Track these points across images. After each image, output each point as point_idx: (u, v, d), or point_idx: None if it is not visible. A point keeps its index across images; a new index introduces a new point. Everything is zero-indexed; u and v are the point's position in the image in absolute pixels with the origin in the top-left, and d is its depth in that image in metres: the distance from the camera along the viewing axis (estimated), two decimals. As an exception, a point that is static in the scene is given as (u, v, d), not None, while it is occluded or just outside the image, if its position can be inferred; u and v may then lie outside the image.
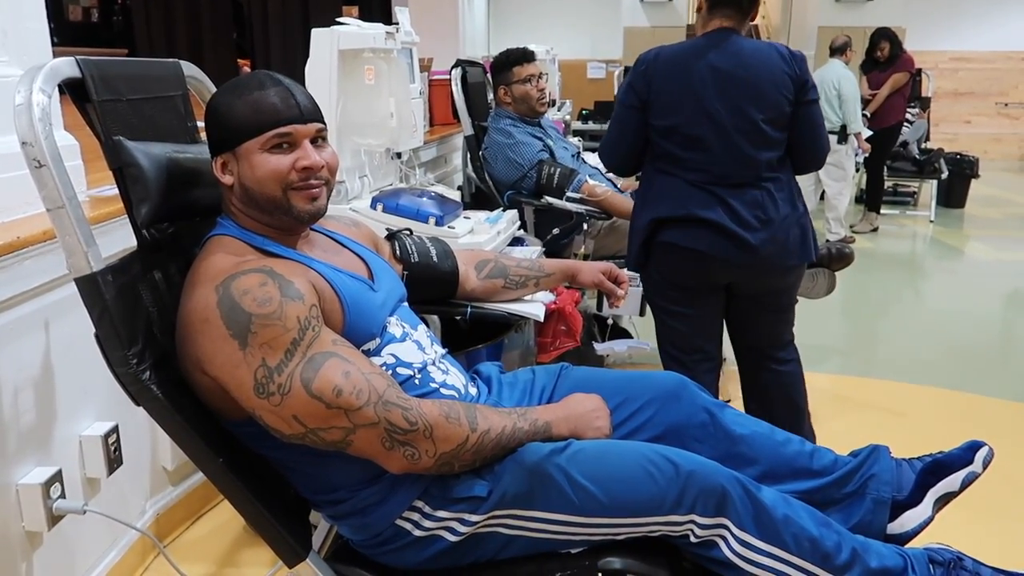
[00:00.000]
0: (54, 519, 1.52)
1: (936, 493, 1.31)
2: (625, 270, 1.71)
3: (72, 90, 1.13)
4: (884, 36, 6.01)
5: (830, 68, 5.42)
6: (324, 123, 1.23)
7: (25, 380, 1.50)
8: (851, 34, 5.88)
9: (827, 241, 3.47)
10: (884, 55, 5.96)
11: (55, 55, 1.19)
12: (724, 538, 1.17)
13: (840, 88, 5.29)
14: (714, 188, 1.96)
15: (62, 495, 1.54)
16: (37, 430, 1.54)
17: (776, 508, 1.18)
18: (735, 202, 1.95)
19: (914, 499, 1.32)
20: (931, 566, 1.21)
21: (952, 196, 6.91)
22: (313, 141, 1.20)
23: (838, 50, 5.51)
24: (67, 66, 1.11)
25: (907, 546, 1.29)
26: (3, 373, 1.44)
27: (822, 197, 5.71)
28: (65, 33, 8.05)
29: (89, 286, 1.06)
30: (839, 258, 2.76)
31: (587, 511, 1.16)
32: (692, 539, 1.17)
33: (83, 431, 1.67)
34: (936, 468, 1.33)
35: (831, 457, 1.38)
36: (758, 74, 1.94)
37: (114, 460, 1.71)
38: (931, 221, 6.46)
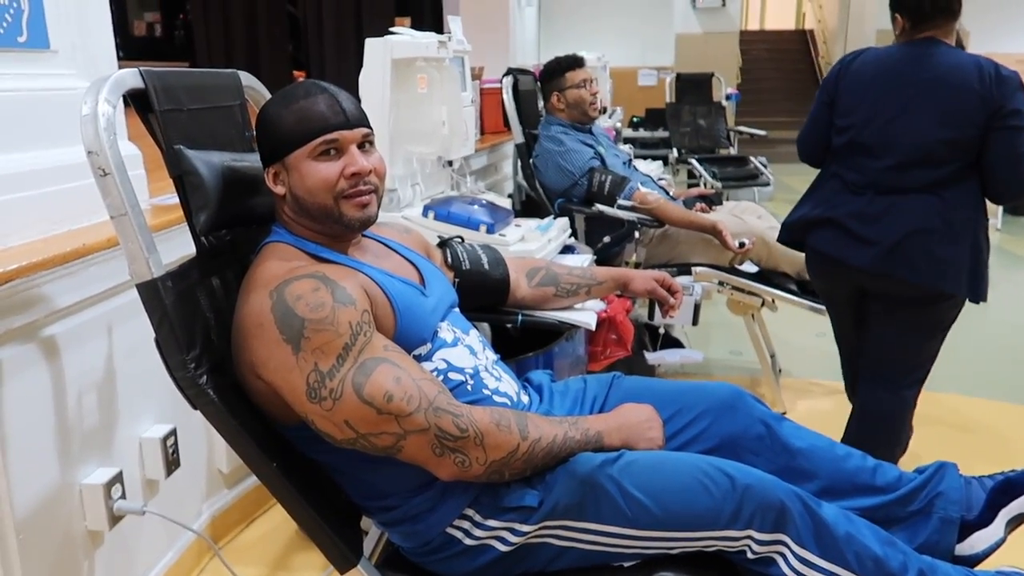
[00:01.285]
0: (115, 519, 1.56)
1: (1009, 514, 1.26)
2: (679, 279, 1.69)
3: (136, 101, 1.16)
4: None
5: None
6: (371, 128, 1.24)
7: (89, 383, 1.55)
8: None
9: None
10: None
11: (120, 68, 1.22)
12: (783, 555, 1.13)
13: None
14: (866, 192, 1.97)
15: (123, 496, 1.57)
16: (99, 432, 1.58)
17: (838, 525, 1.14)
18: (876, 208, 1.95)
19: (984, 519, 1.27)
20: (1003, 590, 1.16)
21: (1020, 203, 6.67)
22: (360, 146, 1.21)
23: None
24: (131, 77, 1.14)
25: (977, 568, 1.23)
26: (68, 376, 1.48)
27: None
28: (130, 47, 8.34)
29: (150, 292, 1.08)
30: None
31: (640, 524, 1.14)
32: (749, 555, 1.14)
33: (143, 433, 1.70)
34: (1008, 487, 1.27)
35: (895, 473, 1.33)
36: (946, 93, 1.88)
37: (172, 462, 1.74)
38: (997, 229, 6.23)
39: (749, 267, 2.81)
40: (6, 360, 1.32)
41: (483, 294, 1.59)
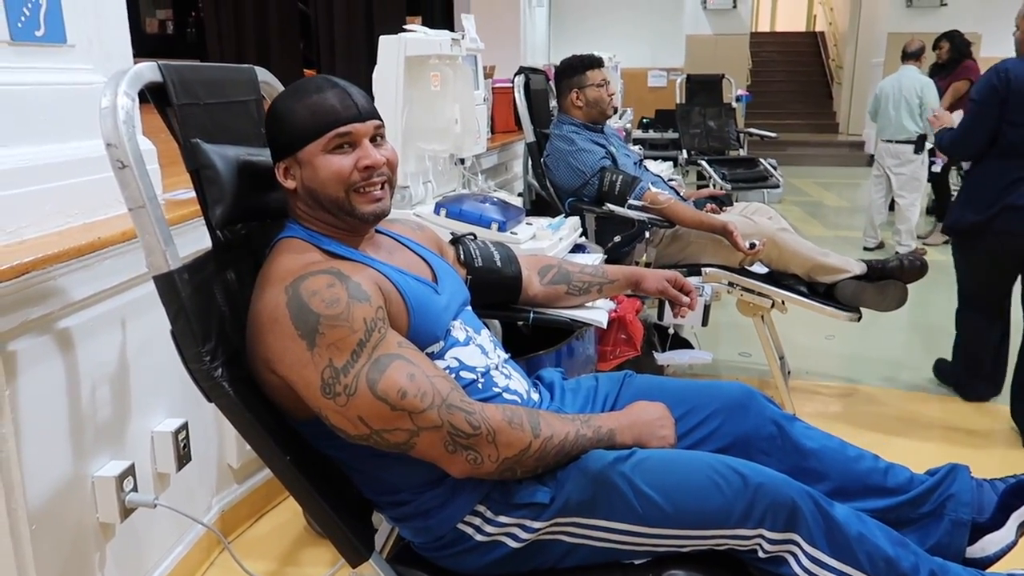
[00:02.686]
0: (126, 511, 1.57)
1: (1020, 517, 1.25)
2: (688, 279, 1.69)
3: (154, 94, 1.17)
4: (946, 37, 5.77)
5: (907, 74, 5.22)
6: (382, 121, 1.24)
7: (102, 376, 1.55)
8: (923, 40, 5.69)
9: (897, 253, 3.36)
10: (942, 57, 5.72)
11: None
12: (794, 554, 1.13)
13: (923, 96, 5.10)
14: None
15: (134, 488, 1.58)
16: (112, 425, 1.59)
17: (849, 525, 1.14)
18: None
19: (996, 522, 1.26)
20: (1015, 592, 1.15)
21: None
22: (372, 139, 1.22)
23: (912, 55, 5.29)
24: (149, 71, 1.14)
25: (988, 571, 1.23)
26: (83, 369, 1.49)
27: (892, 207, 5.53)
28: (143, 44, 8.34)
29: (166, 284, 1.09)
30: (911, 270, 2.67)
31: (651, 521, 1.14)
32: (760, 554, 1.14)
33: (155, 427, 1.71)
34: (1020, 490, 1.27)
35: (907, 475, 1.33)
36: None
37: (183, 456, 1.75)
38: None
39: (759, 268, 2.81)
40: (22, 352, 1.33)
41: (495, 291, 1.59)
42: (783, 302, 2.76)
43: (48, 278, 1.36)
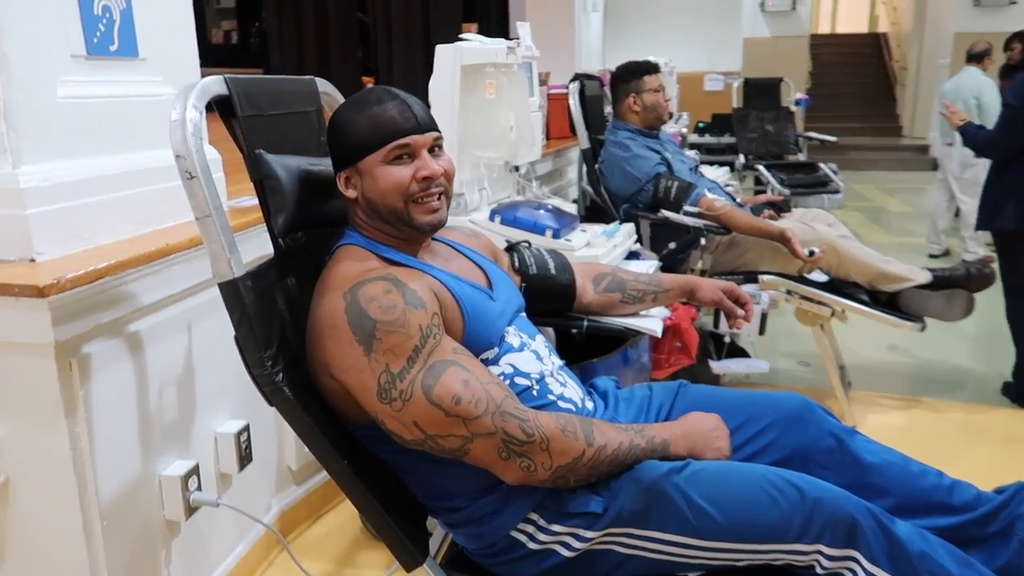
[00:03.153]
0: (191, 510, 1.61)
1: (1095, 538, 1.20)
2: (745, 287, 1.66)
3: (220, 106, 1.21)
4: (1017, 38, 5.55)
5: (967, 76, 5.07)
6: (440, 132, 1.26)
7: (170, 378, 1.61)
8: (991, 40, 5.49)
9: (963, 261, 3.25)
10: (1014, 58, 5.51)
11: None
12: (853, 571, 1.10)
13: (980, 98, 4.94)
14: None
15: (198, 487, 1.63)
16: (178, 425, 1.64)
17: (912, 543, 1.11)
18: None
19: (1070, 543, 1.21)
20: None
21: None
22: (430, 150, 1.24)
23: (975, 57, 5.13)
24: (216, 84, 1.18)
25: (1061, 594, 1.18)
26: (151, 370, 1.54)
27: (956, 214, 5.36)
28: (208, 54, 8.60)
29: (231, 290, 1.12)
30: (978, 278, 2.59)
31: (705, 534, 1.13)
32: (818, 570, 1.12)
33: (218, 428, 1.76)
34: (1096, 510, 1.22)
35: (973, 492, 1.29)
36: None
37: (245, 457, 1.79)
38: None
39: (819, 276, 2.75)
40: (95, 354, 1.39)
41: (549, 299, 1.59)
42: (844, 311, 2.70)
43: (120, 283, 1.42)
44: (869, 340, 3.52)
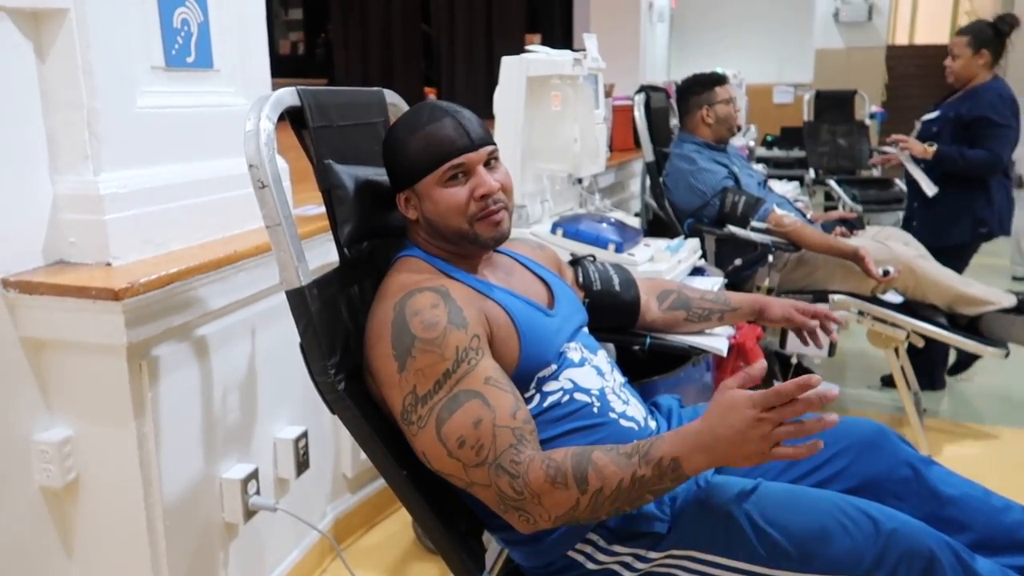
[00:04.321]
0: (249, 513, 1.64)
1: None
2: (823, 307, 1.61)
3: (291, 117, 1.22)
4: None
5: None
6: (495, 144, 1.24)
7: (233, 382, 1.63)
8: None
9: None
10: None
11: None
12: (930, 611, 1.05)
13: None
14: None
15: (257, 492, 1.65)
16: (239, 429, 1.66)
17: (995, 583, 1.05)
18: None
19: None
20: None
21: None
22: (486, 164, 1.22)
23: None
24: (289, 96, 1.20)
25: None
26: (216, 374, 1.57)
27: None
28: (276, 65, 8.84)
29: (298, 298, 1.13)
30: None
31: (772, 562, 1.09)
32: (892, 607, 1.06)
33: (277, 433, 1.78)
34: None
35: (1062, 531, 1.21)
36: None
37: (302, 463, 1.81)
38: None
39: (893, 297, 2.65)
40: (163, 357, 1.42)
41: (613, 315, 1.56)
42: (919, 334, 2.59)
43: (190, 288, 1.45)
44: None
